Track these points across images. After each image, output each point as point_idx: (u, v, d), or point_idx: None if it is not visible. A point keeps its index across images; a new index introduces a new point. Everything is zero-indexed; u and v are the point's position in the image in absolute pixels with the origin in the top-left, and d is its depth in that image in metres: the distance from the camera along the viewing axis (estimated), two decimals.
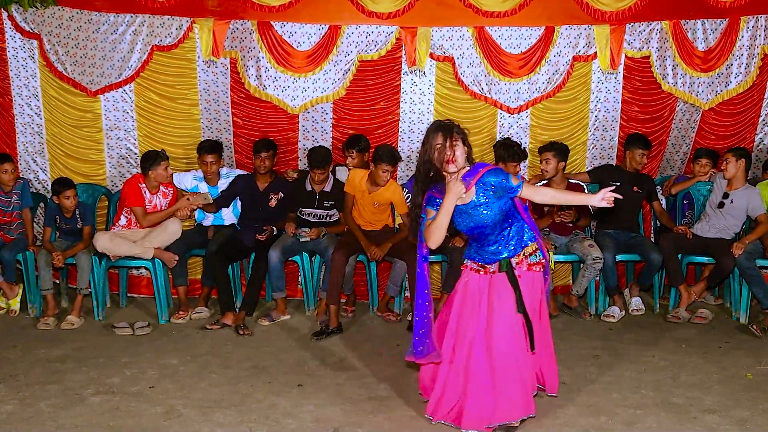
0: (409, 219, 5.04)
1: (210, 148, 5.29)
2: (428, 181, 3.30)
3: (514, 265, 3.35)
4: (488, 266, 3.40)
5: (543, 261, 3.43)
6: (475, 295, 3.41)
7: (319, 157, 5.14)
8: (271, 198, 5.23)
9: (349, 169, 5.30)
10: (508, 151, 5.19)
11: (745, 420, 3.51)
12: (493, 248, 3.38)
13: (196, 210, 5.46)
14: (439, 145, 3.22)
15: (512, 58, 5.47)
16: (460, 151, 3.24)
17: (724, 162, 5.16)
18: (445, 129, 3.25)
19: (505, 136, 5.56)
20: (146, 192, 5.22)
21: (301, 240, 5.13)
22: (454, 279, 5.13)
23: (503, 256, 3.36)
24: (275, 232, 5.25)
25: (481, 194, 3.29)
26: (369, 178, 5.08)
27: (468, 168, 3.31)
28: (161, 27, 5.34)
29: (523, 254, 3.37)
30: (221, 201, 5.32)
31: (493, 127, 5.62)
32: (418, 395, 3.72)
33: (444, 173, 3.28)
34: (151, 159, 5.17)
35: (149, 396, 3.78)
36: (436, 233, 3.24)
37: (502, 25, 5.40)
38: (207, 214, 5.46)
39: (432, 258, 5.19)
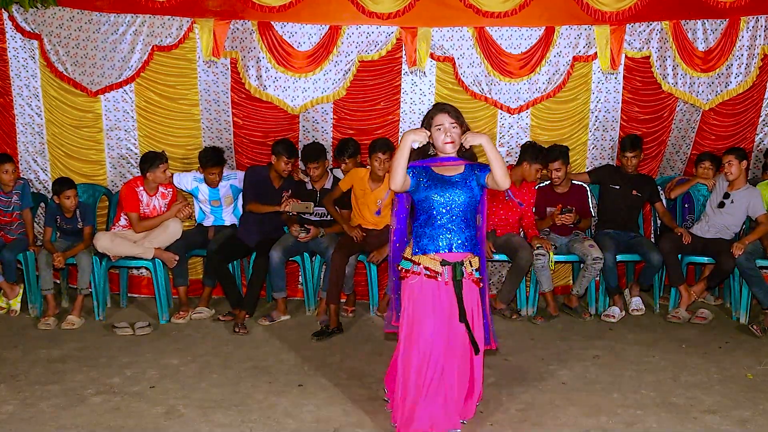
0: None
1: (216, 161, 5.23)
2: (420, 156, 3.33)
3: (465, 275, 3.28)
4: (440, 272, 3.26)
5: (479, 279, 3.36)
6: (433, 300, 3.30)
7: (311, 150, 5.17)
8: (284, 196, 5.22)
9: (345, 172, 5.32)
10: (535, 153, 5.19)
11: (746, 420, 3.51)
12: (447, 237, 3.27)
13: (195, 211, 5.49)
14: (439, 126, 3.25)
15: (512, 59, 5.47)
16: (457, 135, 3.25)
17: (727, 164, 5.15)
18: (448, 111, 3.28)
19: (504, 137, 5.62)
20: (143, 195, 5.22)
21: (300, 239, 5.13)
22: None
23: (452, 249, 3.27)
24: (320, 234, 5.22)
25: (465, 175, 3.30)
26: (370, 177, 5.10)
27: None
28: (162, 27, 5.34)
29: (471, 266, 3.30)
30: (249, 197, 5.27)
31: (493, 128, 5.62)
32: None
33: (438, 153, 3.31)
34: (149, 161, 5.17)
35: (150, 396, 3.78)
36: (394, 171, 3.16)
37: (502, 26, 5.40)
38: (207, 214, 5.47)
39: None
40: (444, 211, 3.27)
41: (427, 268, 3.27)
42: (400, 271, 3.36)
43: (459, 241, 3.28)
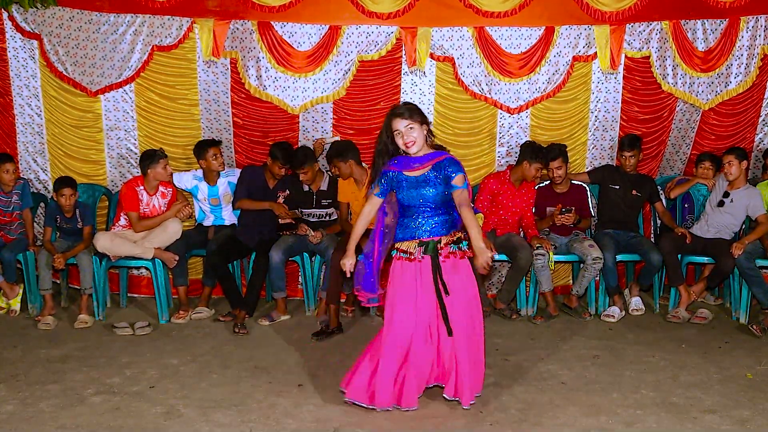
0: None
1: (210, 142, 5.34)
2: (388, 156, 3.55)
3: (439, 250, 3.51)
4: (415, 252, 3.53)
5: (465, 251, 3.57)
6: (410, 283, 3.56)
7: (295, 158, 5.15)
8: (279, 195, 5.23)
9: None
10: (535, 152, 5.19)
11: (745, 420, 3.51)
12: (421, 221, 3.54)
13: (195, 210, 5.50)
14: (396, 132, 3.45)
15: (512, 58, 5.47)
16: (417, 133, 3.45)
17: (727, 164, 5.15)
18: (401, 114, 3.46)
19: (504, 136, 5.62)
20: (144, 194, 5.22)
21: (310, 240, 5.12)
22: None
23: (427, 233, 3.53)
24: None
25: (432, 173, 3.50)
26: (355, 182, 5.18)
27: (428, 151, 3.55)
28: (161, 27, 5.34)
29: (452, 240, 3.54)
30: (240, 195, 5.28)
31: (493, 127, 5.62)
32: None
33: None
34: (149, 157, 5.18)
35: (150, 396, 3.78)
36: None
37: (502, 26, 5.40)
38: (207, 214, 5.47)
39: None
40: (414, 205, 3.54)
41: (404, 251, 3.56)
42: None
43: (429, 227, 3.53)
